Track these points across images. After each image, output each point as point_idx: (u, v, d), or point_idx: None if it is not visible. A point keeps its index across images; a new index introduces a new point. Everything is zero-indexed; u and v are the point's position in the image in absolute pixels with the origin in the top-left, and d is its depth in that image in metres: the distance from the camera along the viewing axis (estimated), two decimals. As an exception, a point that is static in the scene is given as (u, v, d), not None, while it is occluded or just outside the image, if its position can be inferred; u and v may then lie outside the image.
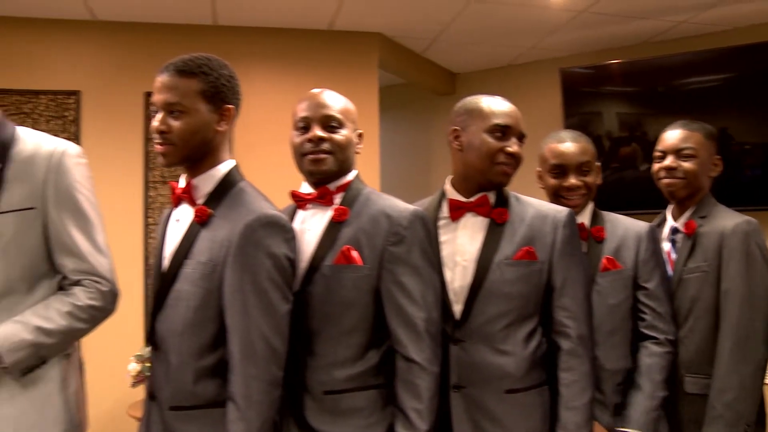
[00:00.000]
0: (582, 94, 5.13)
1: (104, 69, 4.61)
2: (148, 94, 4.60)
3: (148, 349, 3.86)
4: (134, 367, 3.90)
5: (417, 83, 5.90)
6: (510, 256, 2.03)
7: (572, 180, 2.34)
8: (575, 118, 5.10)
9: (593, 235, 2.31)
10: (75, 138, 4.38)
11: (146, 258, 4.56)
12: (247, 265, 1.72)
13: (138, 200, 4.56)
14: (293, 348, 1.82)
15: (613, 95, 5.08)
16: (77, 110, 4.51)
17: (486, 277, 2.02)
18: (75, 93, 4.53)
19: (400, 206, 1.96)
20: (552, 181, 2.37)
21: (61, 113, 4.49)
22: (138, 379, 3.89)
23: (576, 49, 5.32)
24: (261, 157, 4.33)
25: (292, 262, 1.80)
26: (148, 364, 3.80)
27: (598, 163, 2.41)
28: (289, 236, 1.80)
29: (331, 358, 1.89)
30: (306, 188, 2.05)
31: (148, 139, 4.58)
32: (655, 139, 2.57)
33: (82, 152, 1.93)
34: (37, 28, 4.49)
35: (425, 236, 1.94)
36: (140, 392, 4.05)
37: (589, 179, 2.37)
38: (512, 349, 2.01)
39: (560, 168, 2.36)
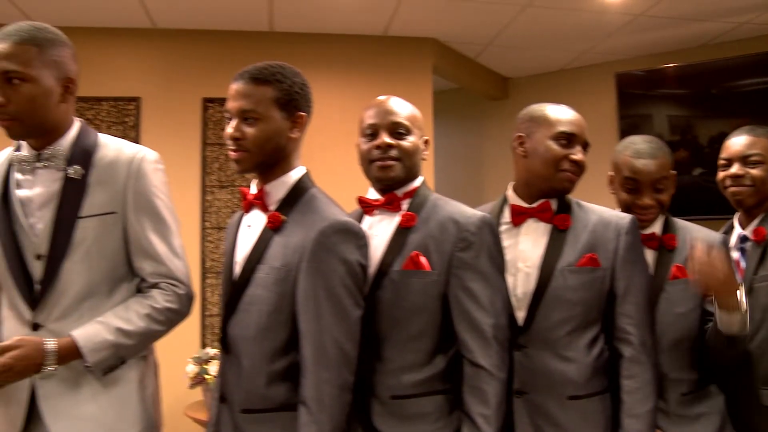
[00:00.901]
0: (637, 97, 5.07)
1: (163, 75, 4.71)
2: (206, 100, 4.69)
3: (206, 351, 3.94)
4: (192, 368, 3.96)
5: (469, 88, 5.89)
6: (573, 262, 2.02)
7: (646, 199, 2.25)
8: (629, 122, 5.05)
9: (664, 243, 2.27)
10: (134, 143, 4.46)
11: (203, 261, 4.63)
12: (321, 271, 1.74)
13: (195, 204, 4.63)
14: (361, 353, 1.83)
15: (667, 98, 5.01)
16: (137, 116, 4.61)
17: (549, 283, 2.02)
18: (135, 99, 4.63)
19: (468, 212, 1.96)
20: (624, 196, 2.30)
21: (121, 119, 4.59)
22: (196, 380, 3.94)
23: (631, 53, 5.26)
24: (316, 161, 4.31)
25: (365, 268, 1.82)
26: (206, 366, 3.87)
27: (674, 172, 2.34)
28: (362, 243, 1.81)
29: (399, 363, 1.90)
30: (373, 194, 2.07)
31: (205, 144, 4.66)
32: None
33: (160, 158, 1.98)
34: (99, 37, 4.59)
35: (493, 242, 1.94)
36: (197, 393, 4.10)
37: (664, 197, 2.28)
38: (575, 355, 2.00)
39: (634, 183, 2.27)
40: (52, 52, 1.83)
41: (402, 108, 2.04)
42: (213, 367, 3.87)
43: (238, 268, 1.88)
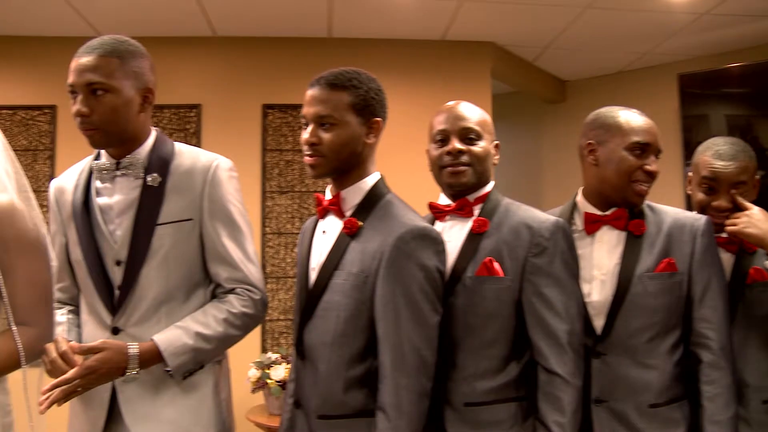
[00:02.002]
0: (700, 97, 4.96)
1: (224, 83, 4.78)
2: (266, 107, 4.74)
3: (268, 355, 3.96)
4: (254, 373, 3.99)
5: (527, 91, 5.84)
6: (651, 268, 1.99)
7: (722, 202, 2.20)
8: (692, 123, 4.95)
9: (744, 246, 2.21)
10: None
11: (263, 266, 4.67)
12: (399, 277, 1.74)
13: (256, 210, 4.67)
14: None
15: (730, 98, 4.90)
16: (198, 123, 4.68)
17: (628, 290, 1.98)
18: (196, 106, 4.71)
19: (541, 217, 1.94)
20: (700, 196, 2.25)
21: (183, 126, 4.67)
22: (258, 385, 3.97)
23: (693, 53, 5.16)
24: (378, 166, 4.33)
25: (443, 274, 1.81)
26: (268, 371, 3.90)
27: (757, 176, 2.27)
28: (440, 248, 1.81)
29: (473, 369, 1.88)
30: (444, 200, 2.05)
31: (265, 150, 4.70)
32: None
33: (234, 166, 2.00)
34: (162, 46, 4.65)
35: (567, 247, 1.92)
36: (259, 398, 4.13)
37: None
38: (656, 362, 1.96)
39: (711, 184, 2.22)
40: (132, 63, 1.88)
41: (472, 113, 2.03)
42: (275, 372, 3.90)
43: (313, 275, 1.89)
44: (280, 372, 3.88)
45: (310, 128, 1.85)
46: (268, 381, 3.91)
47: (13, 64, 4.66)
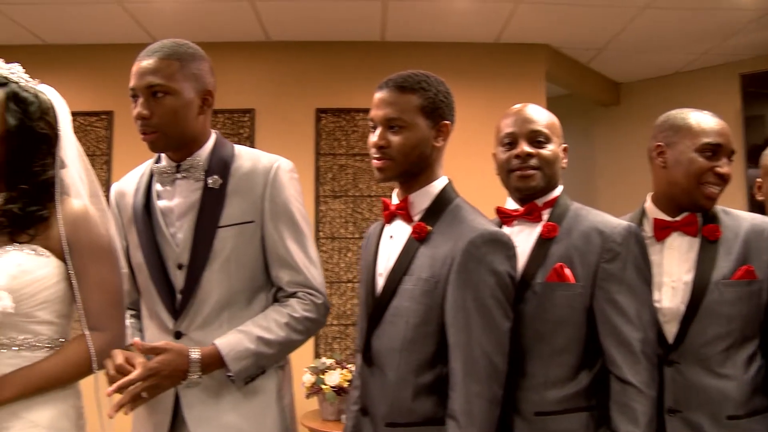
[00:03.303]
0: (764, 98, 4.83)
1: (277, 87, 4.80)
2: (319, 111, 4.74)
3: (322, 360, 3.95)
4: (309, 378, 3.98)
5: (580, 94, 5.76)
6: (728, 275, 1.92)
7: None
8: (755, 124, 4.82)
9: None
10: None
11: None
12: (471, 282, 1.70)
13: (309, 214, 4.63)
14: None
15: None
16: (251, 127, 4.71)
17: (703, 298, 1.92)
18: (249, 111, 4.74)
19: (613, 222, 1.89)
20: None
21: (236, 130, 4.69)
22: (312, 390, 3.97)
23: (755, 52, 5.03)
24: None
25: (514, 280, 1.77)
26: (322, 376, 3.89)
27: None
28: (511, 253, 1.77)
29: (543, 378, 1.84)
30: (511, 204, 2.01)
31: (318, 155, 4.70)
32: None
33: (294, 167, 1.97)
34: (216, 51, 4.65)
35: (639, 253, 1.86)
36: (313, 403, 4.13)
37: None
38: (733, 372, 1.89)
39: None
40: (192, 66, 1.87)
41: (540, 115, 1.99)
42: (329, 377, 3.89)
43: (381, 280, 1.86)
44: (334, 377, 3.87)
45: (378, 131, 1.83)
46: (323, 386, 3.90)
47: (72, 72, 4.74)
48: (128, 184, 2.02)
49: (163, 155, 1.96)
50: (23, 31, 4.58)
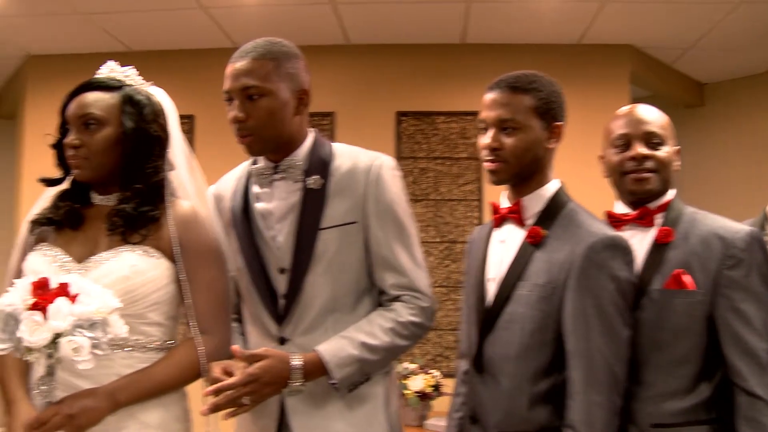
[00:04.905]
0: None
1: (357, 90, 4.80)
2: (400, 114, 4.71)
3: (405, 365, 3.90)
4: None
5: (663, 96, 5.60)
6: None
7: None
8: None
9: None
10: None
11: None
12: (591, 289, 1.65)
13: (389, 218, 4.65)
14: None
15: None
16: (332, 130, 4.72)
17: None
18: (330, 114, 4.75)
19: (734, 227, 1.81)
20: None
21: (316, 134, 4.70)
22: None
23: None
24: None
25: (634, 286, 1.72)
26: (405, 381, 3.84)
27: None
28: (630, 259, 1.71)
29: (661, 388, 1.77)
30: (620, 208, 1.94)
31: (399, 158, 4.67)
32: None
33: (397, 164, 1.93)
34: (297, 55, 4.74)
35: (763, 260, 1.78)
36: (394, 408, 4.08)
37: None
38: None
39: None
40: (287, 65, 1.82)
41: (654, 115, 1.92)
42: (412, 383, 3.84)
43: (493, 286, 1.81)
44: (417, 382, 3.83)
45: (490, 133, 1.78)
46: (406, 392, 3.85)
47: (154, 77, 4.76)
48: (225, 187, 1.99)
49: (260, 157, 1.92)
50: (110, 38, 4.69)
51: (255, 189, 1.90)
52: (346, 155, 1.90)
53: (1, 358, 1.70)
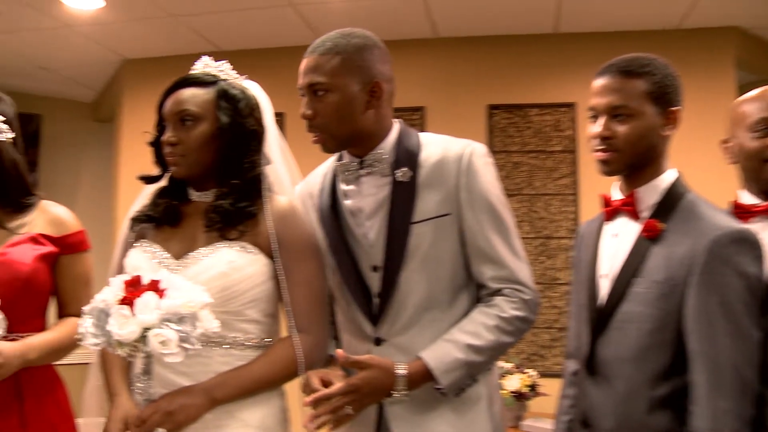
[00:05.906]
0: None
1: (447, 84, 4.73)
2: (491, 107, 4.62)
3: (501, 364, 3.80)
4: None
5: (772, 81, 5.30)
6: None
7: None
8: None
9: None
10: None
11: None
12: (715, 285, 1.52)
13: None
14: None
15: None
16: (422, 125, 4.66)
17: None
18: (420, 109, 4.70)
19: None
20: None
21: (405, 129, 4.66)
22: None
23: None
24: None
25: (765, 284, 1.57)
26: (501, 381, 3.74)
27: None
28: (760, 254, 1.57)
29: None
30: (747, 198, 1.80)
31: (491, 152, 4.58)
32: None
33: (489, 151, 1.84)
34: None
35: None
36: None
37: None
38: None
39: None
40: (356, 57, 1.73)
41: None
42: (508, 382, 3.75)
43: (606, 282, 1.71)
44: (513, 382, 3.73)
45: (602, 121, 1.68)
46: (502, 391, 3.76)
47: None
48: (312, 184, 1.94)
49: (345, 152, 1.85)
50: (200, 39, 4.76)
51: (343, 186, 1.85)
52: (434, 145, 1.81)
53: (105, 352, 1.70)
